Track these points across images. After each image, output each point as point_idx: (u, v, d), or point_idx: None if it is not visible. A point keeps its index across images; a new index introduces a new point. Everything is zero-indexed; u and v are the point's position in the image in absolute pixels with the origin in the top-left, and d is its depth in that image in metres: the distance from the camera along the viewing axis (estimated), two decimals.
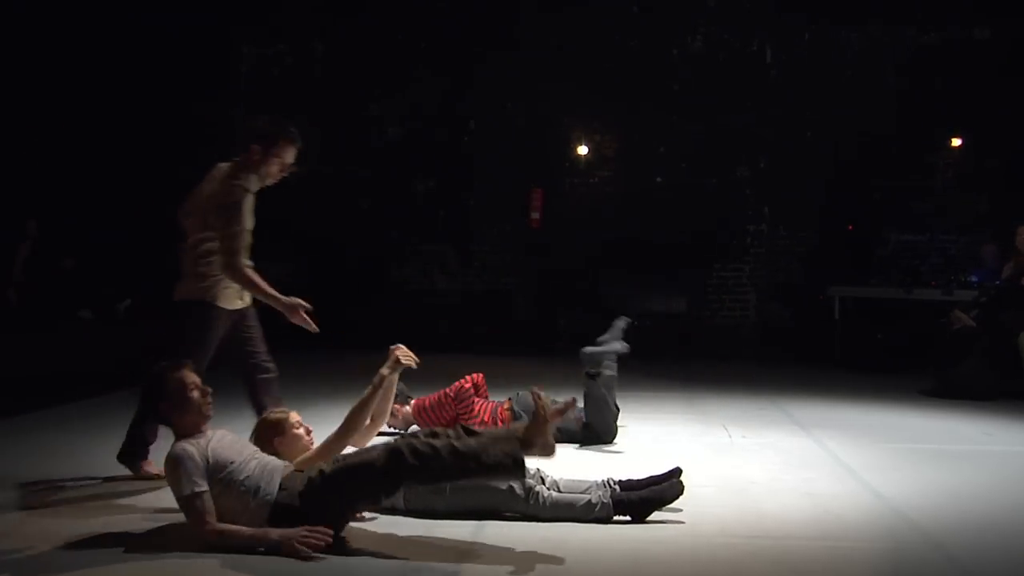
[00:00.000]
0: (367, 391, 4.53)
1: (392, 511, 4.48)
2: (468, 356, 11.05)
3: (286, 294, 5.35)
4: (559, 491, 4.54)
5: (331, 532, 3.92)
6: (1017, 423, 7.33)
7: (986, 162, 11.97)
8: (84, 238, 11.37)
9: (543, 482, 4.55)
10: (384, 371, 4.60)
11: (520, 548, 4.04)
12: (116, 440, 5.37)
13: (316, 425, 4.94)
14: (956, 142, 12.16)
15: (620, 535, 4.24)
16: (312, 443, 4.59)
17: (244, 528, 3.95)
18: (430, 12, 12.72)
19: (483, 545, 4.09)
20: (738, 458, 5.91)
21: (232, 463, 4.05)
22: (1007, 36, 11.74)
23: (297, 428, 4.63)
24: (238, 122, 11.44)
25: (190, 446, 4.04)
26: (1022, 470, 5.74)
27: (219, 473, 4.00)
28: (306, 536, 3.85)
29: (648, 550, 4.03)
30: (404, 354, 4.63)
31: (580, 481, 4.63)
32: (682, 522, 4.43)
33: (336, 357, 10.84)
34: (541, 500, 4.45)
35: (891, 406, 8.11)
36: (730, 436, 6.67)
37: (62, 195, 11.43)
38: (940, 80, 11.86)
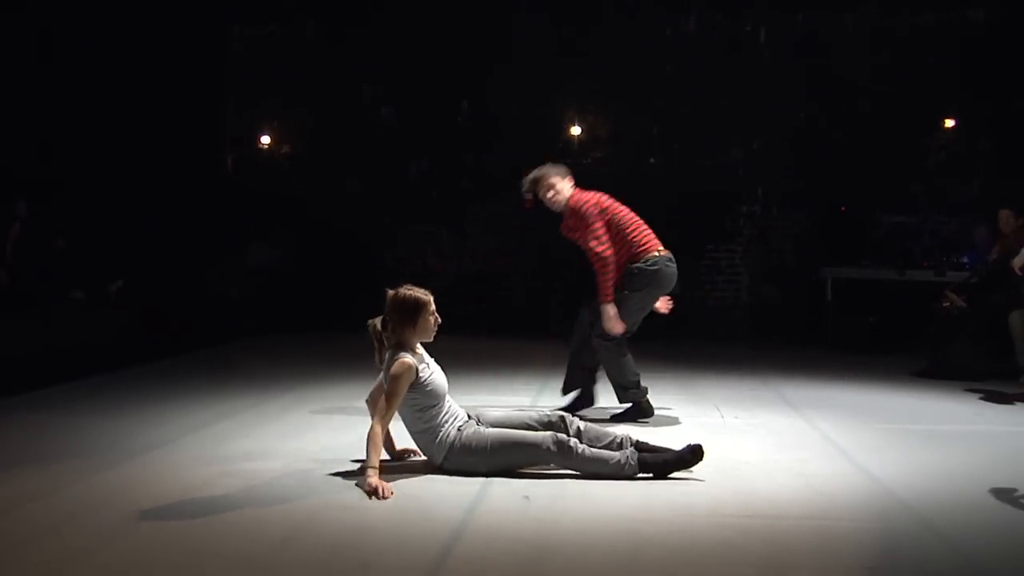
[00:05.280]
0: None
1: (426, 464, 4.91)
2: (462, 337, 11.08)
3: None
4: (583, 441, 4.91)
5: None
6: (1007, 403, 7.37)
7: (979, 143, 11.97)
8: (75, 219, 11.32)
9: (569, 429, 4.95)
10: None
11: (514, 528, 4.06)
12: (108, 421, 5.36)
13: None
14: (949, 123, 12.15)
15: (614, 515, 4.26)
16: (421, 301, 5.03)
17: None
18: None
19: (478, 522, 4.11)
20: (731, 439, 5.93)
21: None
22: (1001, 17, 11.72)
23: (433, 315, 5.06)
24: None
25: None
26: (1012, 450, 5.77)
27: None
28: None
29: (642, 530, 4.05)
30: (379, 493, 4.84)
31: (604, 431, 5.05)
32: (677, 502, 4.45)
33: (326, 340, 10.85)
34: (576, 454, 4.82)
35: (883, 387, 8.14)
36: (722, 417, 6.70)
37: (52, 176, 11.37)
38: (934, 61, 11.83)
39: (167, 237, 11.42)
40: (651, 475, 4.85)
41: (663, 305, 6.69)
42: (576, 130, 13.03)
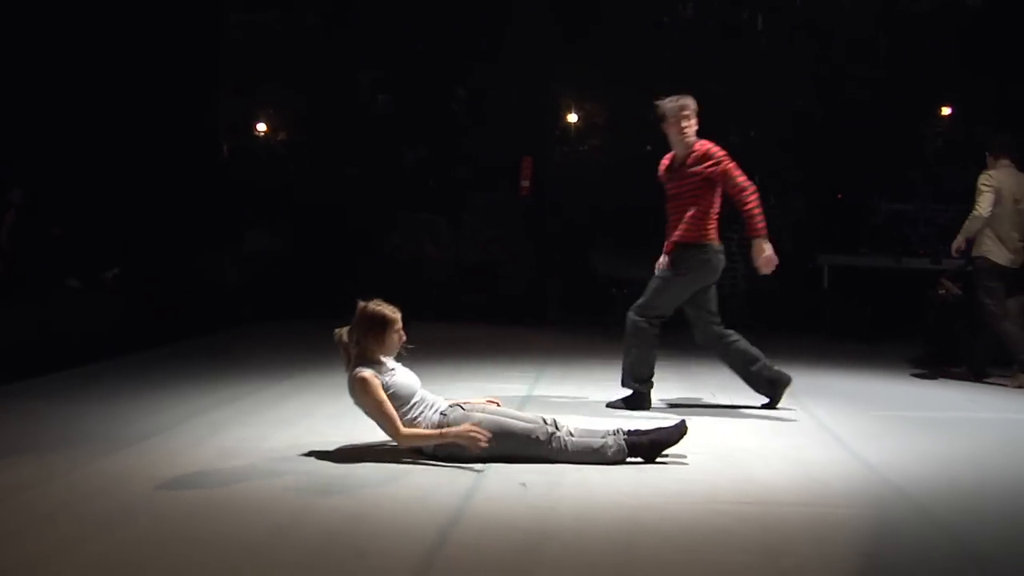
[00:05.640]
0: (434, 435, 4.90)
1: (418, 452, 4.91)
2: (460, 325, 11.08)
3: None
4: (575, 437, 4.93)
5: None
6: (1001, 389, 7.38)
7: (977, 131, 11.95)
8: (71, 207, 11.31)
9: (559, 429, 4.93)
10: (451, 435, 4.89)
11: (510, 515, 4.06)
12: (104, 409, 5.35)
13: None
14: (946, 111, 12.14)
15: (611, 502, 4.26)
16: (390, 317, 5.04)
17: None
18: None
19: (475, 509, 4.11)
20: (728, 426, 5.93)
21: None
22: (998, 4, 11.69)
23: (398, 332, 5.05)
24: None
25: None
26: (1007, 436, 5.78)
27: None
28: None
29: (639, 517, 4.05)
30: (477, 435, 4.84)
31: (593, 430, 5.01)
32: (673, 489, 4.45)
33: (324, 327, 10.83)
34: (562, 445, 4.86)
35: (879, 374, 8.15)
36: (716, 400, 6.70)
37: (48, 164, 11.34)
38: (931, 48, 11.81)
39: (164, 224, 11.39)
40: (641, 459, 4.87)
41: (766, 265, 6.48)
42: (573, 117, 13.02)
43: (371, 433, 5.12)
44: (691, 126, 6.50)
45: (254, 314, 11.24)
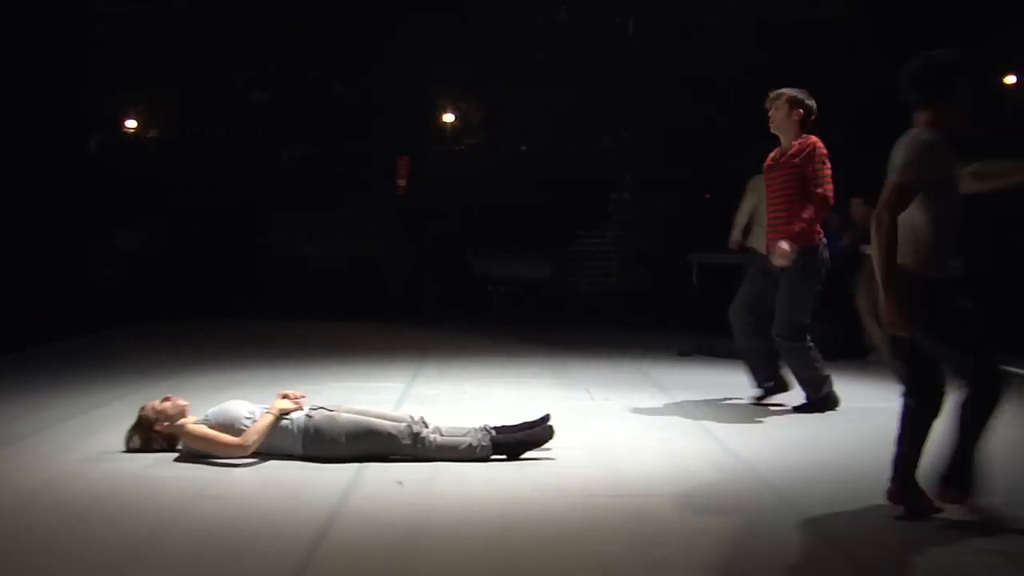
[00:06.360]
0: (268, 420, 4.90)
1: (289, 456, 4.85)
2: (336, 323, 10.97)
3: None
4: (442, 436, 4.94)
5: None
6: (860, 380, 7.65)
7: (833, 134, 12.36)
8: None
9: (427, 428, 4.95)
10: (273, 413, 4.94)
11: (388, 513, 4.06)
12: None
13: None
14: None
15: (487, 498, 4.29)
16: (180, 407, 5.03)
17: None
18: None
19: (352, 508, 4.09)
20: (601, 420, 6.02)
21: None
22: (852, 18, 12.11)
23: (156, 415, 5.01)
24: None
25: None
26: (863, 424, 5.99)
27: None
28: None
29: (515, 512, 4.09)
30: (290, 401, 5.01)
31: (459, 427, 5.02)
32: (548, 483, 4.50)
33: (202, 327, 10.60)
34: (427, 444, 4.87)
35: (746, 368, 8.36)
36: (593, 399, 6.80)
37: None
38: (791, 57, 12.18)
39: (28, 222, 10.94)
40: (506, 456, 4.91)
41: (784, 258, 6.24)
42: (449, 117, 13.03)
43: None
44: (800, 117, 6.45)
45: (132, 313, 10.91)
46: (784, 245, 6.12)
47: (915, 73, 4.07)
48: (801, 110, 6.44)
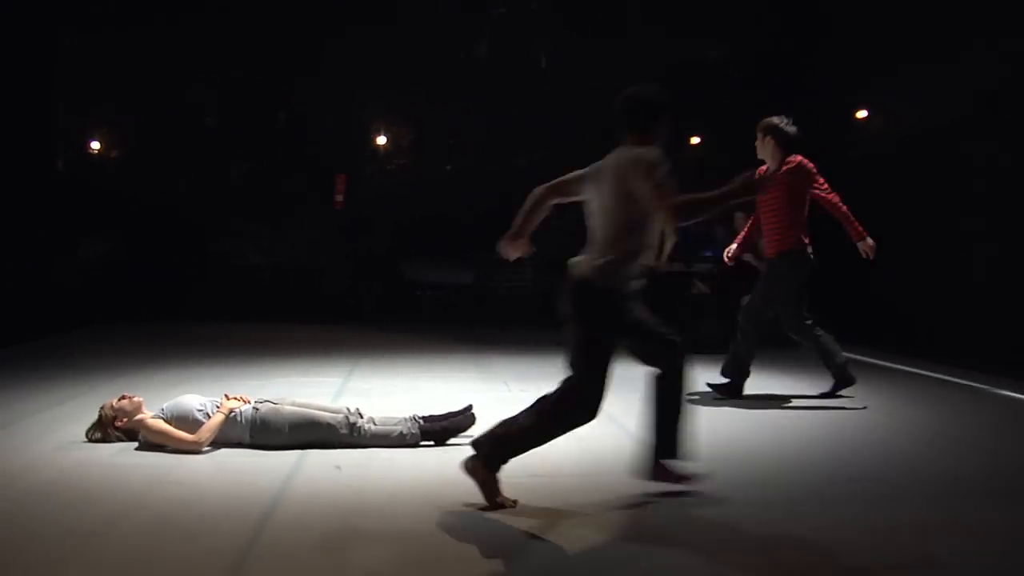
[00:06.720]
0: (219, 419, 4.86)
1: (238, 444, 4.81)
2: (279, 324, 10.86)
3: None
4: (376, 425, 4.95)
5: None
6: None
7: (720, 158, 12.60)
8: None
9: (361, 418, 4.96)
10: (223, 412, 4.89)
11: (328, 495, 4.05)
12: None
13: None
14: (695, 140, 12.78)
15: (417, 481, 4.31)
16: (136, 404, 4.93)
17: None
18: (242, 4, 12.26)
19: (295, 490, 4.07)
20: (518, 409, 6.05)
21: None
22: (741, 57, 12.33)
23: (115, 413, 4.92)
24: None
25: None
26: (747, 411, 6.15)
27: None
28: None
29: (441, 493, 4.11)
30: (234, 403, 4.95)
31: (391, 417, 5.05)
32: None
33: (159, 329, 10.41)
34: (363, 432, 4.89)
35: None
36: (510, 390, 6.85)
37: None
38: (685, 92, 12.35)
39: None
40: (433, 442, 4.97)
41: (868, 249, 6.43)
42: (382, 139, 13.00)
43: None
44: (782, 145, 6.42)
45: (92, 317, 10.66)
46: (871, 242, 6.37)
47: (627, 104, 4.20)
48: (770, 136, 6.43)
